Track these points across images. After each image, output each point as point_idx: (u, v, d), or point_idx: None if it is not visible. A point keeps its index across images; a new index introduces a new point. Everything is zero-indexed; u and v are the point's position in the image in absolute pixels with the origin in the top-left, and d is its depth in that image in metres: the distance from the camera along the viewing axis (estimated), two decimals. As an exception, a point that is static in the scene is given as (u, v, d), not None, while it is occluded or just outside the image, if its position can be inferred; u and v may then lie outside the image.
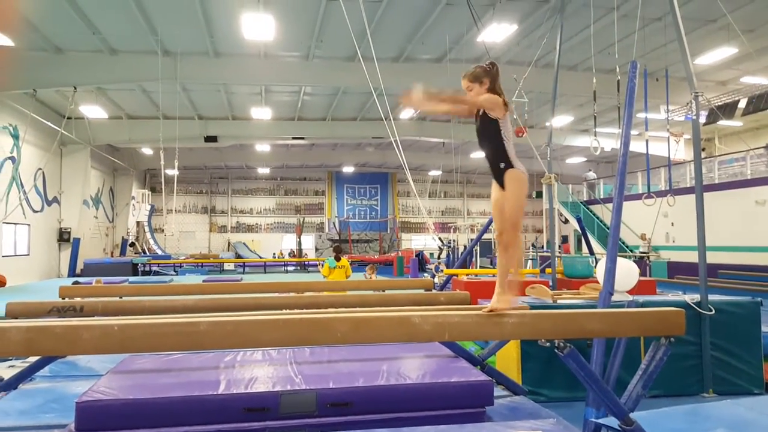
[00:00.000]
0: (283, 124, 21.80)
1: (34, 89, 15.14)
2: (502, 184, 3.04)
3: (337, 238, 30.60)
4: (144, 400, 3.07)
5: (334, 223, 33.35)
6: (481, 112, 3.06)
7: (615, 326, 3.16)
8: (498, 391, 4.08)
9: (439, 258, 21.67)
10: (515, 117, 11.46)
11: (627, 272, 5.41)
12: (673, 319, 3.08)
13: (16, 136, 16.28)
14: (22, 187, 16.78)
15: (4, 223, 15.22)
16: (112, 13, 12.10)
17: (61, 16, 11.98)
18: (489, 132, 3.03)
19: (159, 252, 27.34)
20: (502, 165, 3.02)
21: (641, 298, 5.46)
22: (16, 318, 4.53)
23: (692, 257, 15.36)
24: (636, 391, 3.19)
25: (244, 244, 31.35)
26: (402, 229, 34.47)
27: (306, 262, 25.43)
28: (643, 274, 8.60)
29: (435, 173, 29.86)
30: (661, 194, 10.85)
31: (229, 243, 32.55)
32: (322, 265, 9.76)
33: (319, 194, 34.87)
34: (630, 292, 5.50)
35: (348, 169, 33.07)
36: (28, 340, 2.51)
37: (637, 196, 16.02)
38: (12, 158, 16.14)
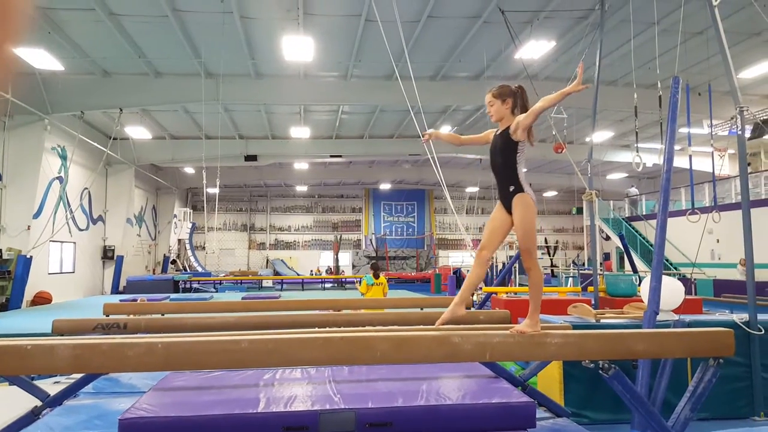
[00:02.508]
0: (321, 142, 22.11)
1: (82, 111, 15.77)
2: (508, 208, 3.00)
3: (374, 255, 30.67)
4: (185, 417, 3.10)
5: (371, 240, 33.47)
6: (500, 131, 3.07)
7: (661, 347, 3.07)
8: (540, 412, 3.99)
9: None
10: (554, 133, 11.33)
11: (672, 291, 5.23)
12: (721, 340, 2.98)
13: (64, 157, 16.95)
14: (69, 206, 17.39)
15: (51, 241, 15.78)
16: (157, 38, 12.58)
17: (110, 41, 12.51)
18: (506, 152, 3.01)
19: (199, 269, 27.89)
20: (512, 188, 2.99)
21: (687, 318, 5.27)
22: (63, 334, 4.67)
23: (739, 275, 14.68)
24: (684, 413, 3.09)
25: (282, 261, 31.72)
26: (439, 246, 34.32)
27: (343, 279, 25.51)
28: (688, 292, 8.31)
29: (472, 190, 29.72)
30: (705, 210, 10.50)
31: (267, 260, 32.99)
32: (360, 283, 9.77)
33: (356, 211, 35.10)
34: (676, 311, 5.31)
35: (385, 186, 33.22)
36: (76, 357, 2.58)
37: (681, 212, 15.57)
38: (60, 178, 16.77)
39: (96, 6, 10.67)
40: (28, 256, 14.15)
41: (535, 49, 12.38)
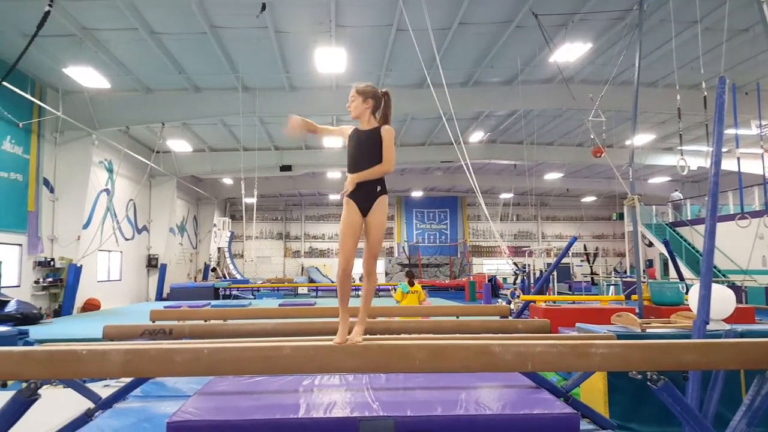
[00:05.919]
0: (354, 151, 22.25)
1: (127, 126, 16.34)
2: (367, 208, 2.96)
3: (407, 262, 30.60)
4: (230, 421, 3.14)
5: (403, 248, 33.44)
6: (370, 128, 3.09)
7: (713, 358, 2.94)
8: (584, 424, 3.88)
9: (514, 283, 21.15)
10: (592, 137, 11.12)
11: (723, 299, 5.04)
12: (778, 351, 2.84)
13: (110, 170, 17.57)
14: (116, 216, 18.01)
15: (99, 250, 16.32)
16: (196, 54, 12.93)
17: (152, 59, 12.93)
18: (376, 151, 3.02)
19: (238, 276, 28.35)
20: (379, 188, 3.01)
21: (739, 327, 5.07)
22: (113, 340, 4.82)
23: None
24: (739, 428, 2.95)
25: (316, 268, 31.99)
26: (473, 253, 34.02)
27: (376, 287, 25.45)
28: (738, 300, 8.01)
29: (506, 196, 29.37)
30: (756, 215, 10.10)
31: (302, 267, 33.32)
32: (395, 290, 9.76)
33: (389, 219, 35.11)
34: (726, 320, 5.12)
35: (417, 194, 33.16)
36: (127, 362, 2.67)
37: (730, 217, 15.02)
38: (107, 190, 17.38)
39: (138, 26, 11.04)
40: (78, 265, 14.70)
41: (570, 51, 12.17)
